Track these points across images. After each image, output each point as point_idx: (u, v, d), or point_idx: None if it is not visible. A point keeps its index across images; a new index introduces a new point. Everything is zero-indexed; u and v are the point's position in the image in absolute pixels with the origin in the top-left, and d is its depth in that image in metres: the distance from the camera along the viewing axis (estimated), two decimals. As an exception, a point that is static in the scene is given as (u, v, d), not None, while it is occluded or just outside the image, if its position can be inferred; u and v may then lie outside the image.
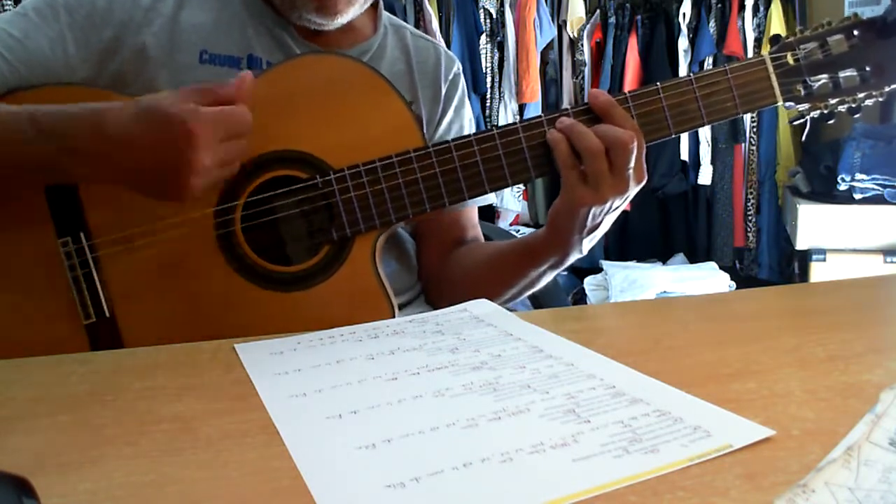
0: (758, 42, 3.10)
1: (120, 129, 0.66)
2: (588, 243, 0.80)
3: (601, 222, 0.77)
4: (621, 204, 0.76)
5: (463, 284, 0.88)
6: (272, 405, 0.47)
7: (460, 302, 0.70)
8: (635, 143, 0.71)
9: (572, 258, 0.82)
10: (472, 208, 0.97)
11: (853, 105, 0.79)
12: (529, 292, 0.89)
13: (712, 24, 3.17)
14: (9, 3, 2.54)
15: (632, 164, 0.72)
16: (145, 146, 0.66)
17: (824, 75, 0.78)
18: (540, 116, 0.76)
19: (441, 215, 0.93)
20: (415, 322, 0.64)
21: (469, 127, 0.98)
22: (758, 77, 0.77)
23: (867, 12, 0.78)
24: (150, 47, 0.80)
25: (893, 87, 0.78)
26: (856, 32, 0.78)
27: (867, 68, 0.78)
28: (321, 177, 0.76)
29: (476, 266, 0.90)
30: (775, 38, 0.79)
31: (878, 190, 2.59)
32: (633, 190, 0.74)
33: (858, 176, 2.60)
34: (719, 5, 3.17)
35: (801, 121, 0.81)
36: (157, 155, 0.65)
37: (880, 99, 0.79)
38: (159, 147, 0.65)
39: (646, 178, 0.75)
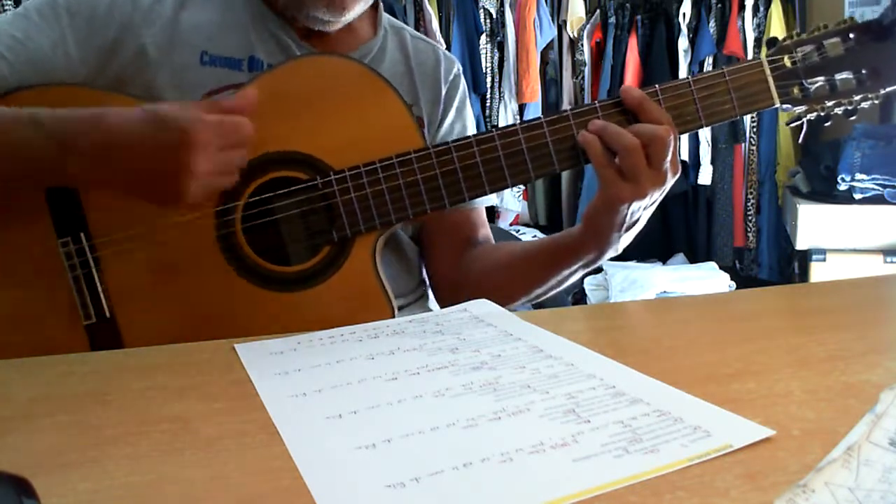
0: (758, 42, 3.10)
1: (121, 131, 0.67)
2: (626, 240, 0.79)
3: (640, 217, 0.77)
4: (660, 197, 0.76)
5: (486, 285, 0.85)
6: (272, 405, 0.47)
7: None
8: (672, 137, 0.72)
9: (608, 256, 0.81)
10: (480, 208, 0.96)
11: (849, 108, 0.79)
12: (557, 291, 0.88)
13: (712, 24, 3.17)
14: (9, 3, 2.54)
15: (669, 157, 0.72)
16: (145, 149, 0.66)
17: (821, 78, 0.78)
18: (539, 118, 0.76)
19: (450, 215, 0.92)
20: (415, 322, 0.64)
21: (472, 127, 0.98)
22: (755, 79, 0.77)
23: (867, 13, 0.79)
24: (150, 48, 0.80)
25: (889, 89, 0.78)
26: (852, 35, 0.78)
27: (863, 71, 0.78)
28: (321, 177, 0.76)
29: (500, 266, 0.89)
30: (772, 41, 0.79)
31: (878, 190, 2.59)
32: (671, 181, 0.74)
33: (858, 176, 2.60)
34: (719, 5, 3.17)
35: (798, 123, 0.82)
36: (155, 158, 0.66)
37: (876, 101, 0.79)
38: (159, 151, 0.66)
39: (680, 169, 0.75)
